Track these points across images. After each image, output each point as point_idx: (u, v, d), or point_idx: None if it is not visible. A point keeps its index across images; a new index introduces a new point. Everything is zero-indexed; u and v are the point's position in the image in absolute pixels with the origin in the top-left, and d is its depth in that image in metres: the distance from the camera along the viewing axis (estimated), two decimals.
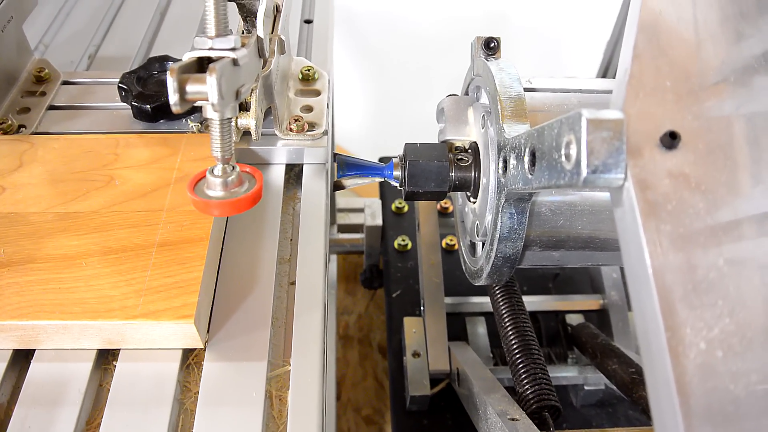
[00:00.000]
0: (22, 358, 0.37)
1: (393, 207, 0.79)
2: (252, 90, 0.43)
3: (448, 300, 0.69)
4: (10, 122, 0.47)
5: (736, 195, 0.29)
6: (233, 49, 0.33)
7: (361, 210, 0.82)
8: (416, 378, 0.60)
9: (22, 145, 0.45)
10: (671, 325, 0.25)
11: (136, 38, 0.61)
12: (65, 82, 0.52)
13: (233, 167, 0.36)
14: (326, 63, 0.59)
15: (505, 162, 0.40)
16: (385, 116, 1.36)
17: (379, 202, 0.79)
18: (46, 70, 0.52)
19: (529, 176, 0.35)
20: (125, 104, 0.49)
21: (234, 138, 0.44)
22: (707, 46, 0.33)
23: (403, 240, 0.75)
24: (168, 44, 0.60)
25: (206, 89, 0.29)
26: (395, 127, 1.34)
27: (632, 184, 0.28)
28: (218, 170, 0.35)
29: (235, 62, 0.33)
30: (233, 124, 0.43)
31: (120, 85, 0.48)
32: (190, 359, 0.38)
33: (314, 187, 0.48)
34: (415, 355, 0.62)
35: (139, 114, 0.48)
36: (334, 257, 0.92)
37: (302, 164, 0.49)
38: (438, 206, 0.77)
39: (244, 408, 0.35)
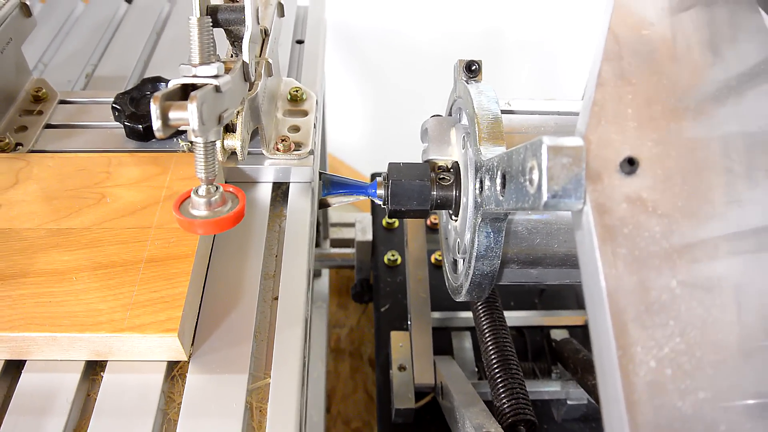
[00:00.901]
0: (13, 369, 0.39)
1: (384, 222, 0.81)
2: (238, 112, 0.44)
3: (435, 314, 0.70)
4: (7, 140, 0.49)
5: (692, 219, 0.30)
6: (216, 77, 0.35)
7: (353, 225, 0.84)
8: (401, 391, 0.61)
9: (18, 162, 0.47)
10: (623, 344, 0.27)
11: (131, 59, 0.63)
12: (62, 101, 0.54)
13: (217, 187, 0.37)
14: (315, 83, 0.61)
15: (482, 182, 0.42)
16: (384, 131, 1.38)
17: (370, 217, 0.81)
18: (44, 90, 0.53)
19: (500, 198, 0.37)
20: (119, 123, 0.51)
21: (220, 158, 0.46)
22: (670, 76, 0.35)
23: (393, 255, 0.77)
24: (162, 65, 0.62)
25: (187, 116, 0.31)
26: (393, 142, 1.36)
27: (591, 209, 0.30)
28: (202, 190, 0.37)
29: (217, 89, 0.35)
30: (219, 145, 0.45)
31: (113, 105, 0.50)
32: (175, 371, 0.39)
33: (300, 205, 0.50)
34: (401, 368, 0.63)
35: (131, 133, 0.50)
36: (326, 271, 0.93)
37: (289, 183, 0.51)
38: (428, 221, 0.78)
39: (225, 419, 0.36)
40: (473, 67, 0.51)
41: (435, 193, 0.50)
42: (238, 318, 0.42)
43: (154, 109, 0.31)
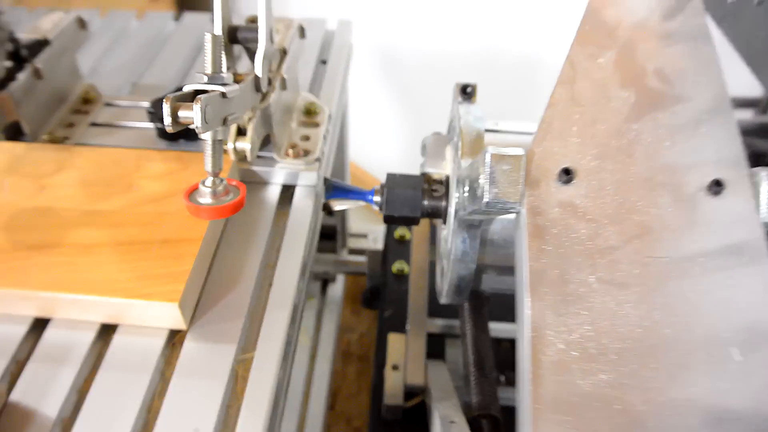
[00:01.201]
0: (39, 325, 0.45)
1: (396, 235, 0.86)
2: (250, 118, 0.50)
3: (438, 321, 0.74)
4: (57, 134, 0.56)
5: (617, 225, 0.34)
6: (223, 85, 0.41)
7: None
8: (393, 389, 0.65)
9: (63, 153, 0.54)
10: (537, 326, 0.31)
11: (173, 70, 0.70)
12: (107, 104, 0.62)
13: (221, 180, 0.43)
14: (332, 100, 0.67)
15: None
16: (413, 148, 1.43)
17: (383, 229, 0.86)
18: (92, 93, 0.61)
19: (467, 203, 0.41)
20: (152, 125, 0.58)
21: (232, 158, 0.52)
22: (618, 100, 0.39)
23: (401, 265, 0.81)
24: None
25: (192, 115, 0.37)
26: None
27: (526, 210, 0.34)
28: (208, 182, 0.43)
29: (223, 95, 0.41)
30: (231, 146, 0.51)
31: (149, 109, 0.57)
32: (175, 339, 0.45)
33: (302, 206, 0.55)
34: (395, 368, 0.67)
35: (161, 134, 0.57)
36: (342, 278, 0.99)
37: (295, 185, 0.57)
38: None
39: (212, 381, 0.42)
40: (468, 90, 0.55)
41: (426, 202, 0.55)
42: (235, 298, 0.47)
43: (166, 108, 0.37)
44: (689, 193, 0.35)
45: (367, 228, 1.02)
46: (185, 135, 0.57)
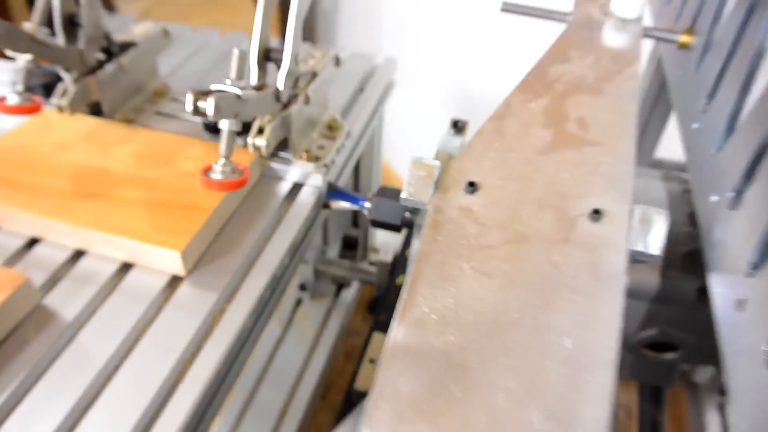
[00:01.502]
0: (77, 255, 0.58)
1: (407, 253, 0.95)
2: (269, 121, 0.62)
3: None
4: (128, 116, 0.71)
5: (501, 232, 0.42)
6: (241, 89, 0.53)
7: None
8: (364, 378, 0.74)
9: (128, 130, 0.68)
10: (412, 293, 0.39)
11: None
12: (173, 99, 0.76)
13: (231, 163, 0.55)
14: (357, 121, 0.78)
15: None
16: None
17: (397, 244, 0.95)
18: (164, 89, 0.76)
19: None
20: (200, 119, 0.71)
21: (251, 151, 0.63)
22: (537, 137, 0.47)
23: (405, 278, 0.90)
24: None
25: (206, 105, 0.49)
26: None
27: (431, 208, 0.43)
28: (220, 162, 0.55)
29: (238, 96, 0.53)
30: (250, 141, 0.63)
31: None
32: (175, 281, 0.56)
33: (305, 201, 0.66)
34: (371, 361, 0.75)
35: (206, 128, 0.70)
36: (356, 283, 1.08)
37: (304, 184, 0.68)
38: None
39: (192, 316, 0.52)
40: (458, 125, 0.65)
41: (408, 214, 0.64)
42: (230, 260, 0.58)
43: (188, 98, 0.49)
44: (571, 216, 0.42)
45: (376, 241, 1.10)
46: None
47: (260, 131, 0.63)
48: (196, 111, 0.50)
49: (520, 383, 0.35)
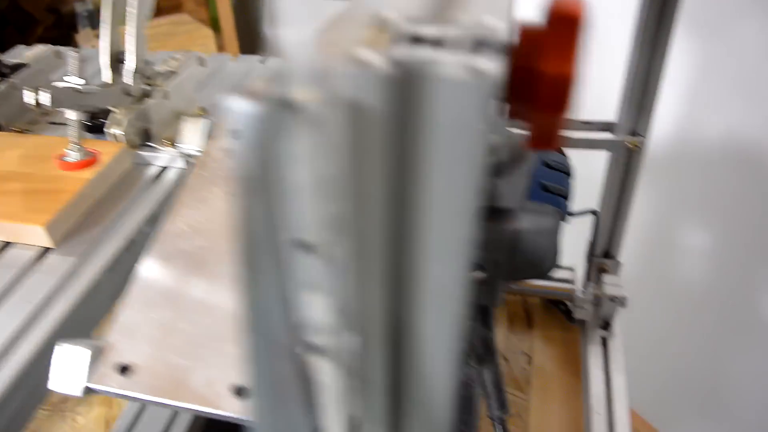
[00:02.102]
0: None
1: None
2: (126, 114, 0.73)
3: None
4: (21, 127, 0.83)
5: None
6: (80, 85, 0.65)
7: None
8: None
9: (18, 138, 0.80)
10: (176, 211, 0.50)
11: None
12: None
13: (80, 147, 0.66)
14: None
15: None
16: None
17: None
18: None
19: None
20: None
21: (116, 140, 0.74)
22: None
23: None
24: None
25: (43, 98, 0.60)
26: None
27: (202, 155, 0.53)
28: (72, 147, 0.66)
29: (76, 90, 0.64)
30: (110, 131, 0.74)
31: None
32: (46, 252, 0.67)
33: (166, 181, 0.77)
34: None
35: (87, 129, 0.81)
36: None
37: (167, 167, 0.79)
38: None
39: (50, 276, 0.63)
40: None
41: None
42: (92, 233, 0.69)
43: (27, 93, 0.60)
44: None
45: None
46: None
47: (116, 122, 0.74)
48: (38, 104, 0.61)
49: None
